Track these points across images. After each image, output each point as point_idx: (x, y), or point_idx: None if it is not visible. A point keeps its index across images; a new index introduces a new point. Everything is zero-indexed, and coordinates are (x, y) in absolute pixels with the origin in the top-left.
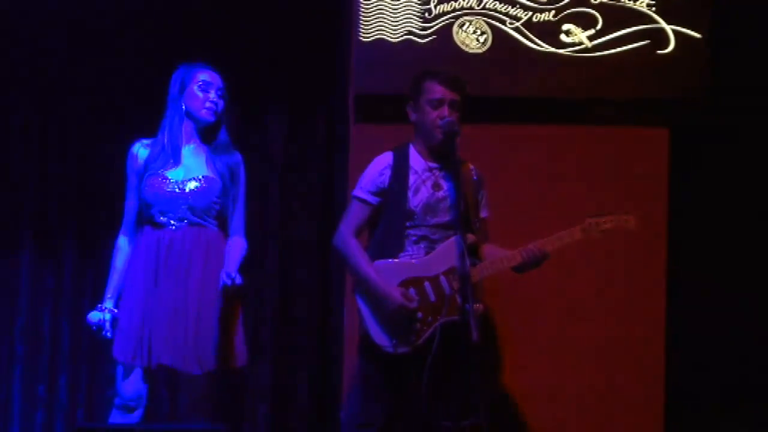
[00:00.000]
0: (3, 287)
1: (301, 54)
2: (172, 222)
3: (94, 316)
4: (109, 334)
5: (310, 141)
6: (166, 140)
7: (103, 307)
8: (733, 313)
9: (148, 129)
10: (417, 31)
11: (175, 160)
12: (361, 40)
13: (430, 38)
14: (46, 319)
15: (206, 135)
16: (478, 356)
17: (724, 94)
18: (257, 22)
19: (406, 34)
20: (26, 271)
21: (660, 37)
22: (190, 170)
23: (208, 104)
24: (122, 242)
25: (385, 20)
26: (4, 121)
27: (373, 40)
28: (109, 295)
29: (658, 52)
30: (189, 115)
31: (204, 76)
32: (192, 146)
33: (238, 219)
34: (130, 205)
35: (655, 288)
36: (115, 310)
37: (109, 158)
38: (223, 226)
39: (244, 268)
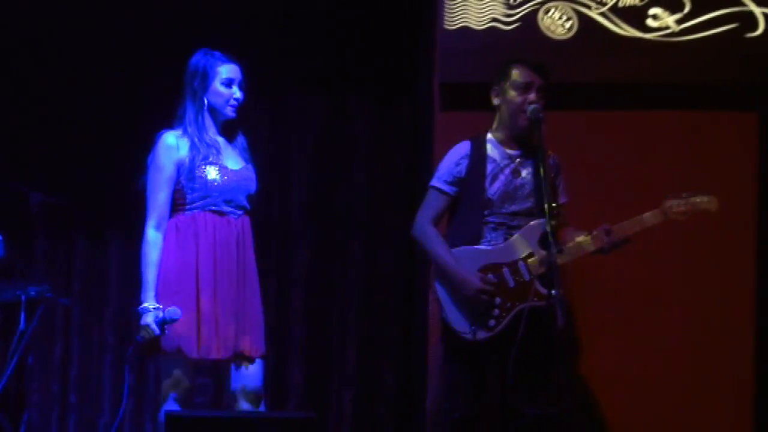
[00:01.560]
0: (94, 277)
1: (386, 42)
2: (235, 210)
3: (175, 313)
4: (157, 331)
5: (396, 129)
6: (198, 132)
7: (149, 307)
8: None
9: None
10: (502, 18)
11: (218, 150)
12: (445, 27)
13: (515, 25)
14: (134, 308)
15: (226, 127)
16: (562, 342)
17: None
18: (344, 10)
19: (490, 22)
20: (116, 262)
21: (749, 20)
22: (238, 160)
23: (232, 102)
24: (156, 236)
25: (469, 8)
26: (92, 112)
27: (458, 27)
28: (152, 293)
29: (747, 35)
30: (212, 110)
31: (227, 71)
32: (219, 138)
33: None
34: (164, 195)
35: (744, 276)
36: (160, 306)
37: None
38: None
39: None
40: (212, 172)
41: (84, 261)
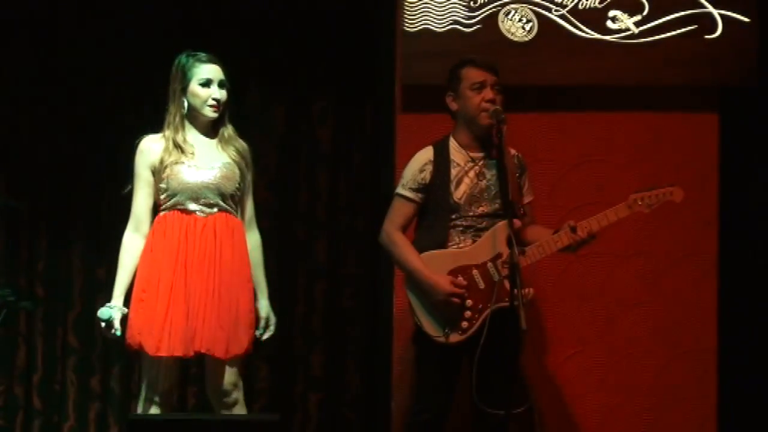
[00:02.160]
0: (56, 280)
1: (347, 44)
2: (203, 208)
3: (104, 313)
4: (118, 332)
5: (357, 131)
6: (175, 134)
7: (114, 306)
8: None
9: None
10: (462, 21)
11: (190, 150)
12: (406, 30)
13: (476, 27)
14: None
15: (211, 126)
16: (526, 343)
17: None
18: (304, 11)
19: (451, 24)
20: (79, 265)
21: (708, 22)
22: (210, 158)
23: (210, 102)
24: (130, 239)
25: (430, 10)
26: (54, 114)
27: (419, 29)
28: (118, 293)
29: (706, 36)
30: (193, 111)
31: (204, 71)
32: (201, 137)
33: (250, 209)
34: (141, 200)
35: (707, 275)
36: (125, 309)
37: None
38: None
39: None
40: (180, 172)
41: (46, 264)
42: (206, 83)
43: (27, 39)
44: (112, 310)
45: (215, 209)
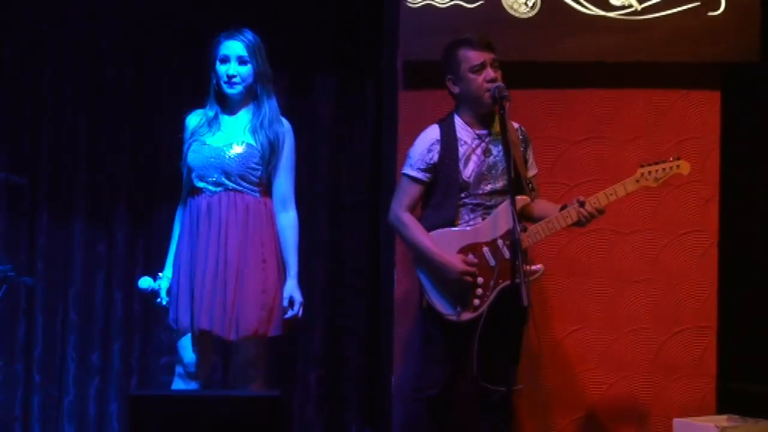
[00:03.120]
0: (57, 256)
1: (350, 20)
2: (209, 187)
3: (143, 282)
4: (163, 301)
5: (360, 107)
6: (205, 110)
7: (158, 275)
8: None
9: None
10: None
11: (216, 127)
12: (409, 5)
13: (479, 3)
14: (99, 287)
15: (245, 104)
16: (529, 320)
17: None
18: None
19: (454, 0)
20: (79, 241)
21: None
22: (230, 137)
23: (226, 78)
24: (178, 212)
25: None
26: (58, 92)
27: (421, 5)
28: (170, 263)
29: (709, 13)
30: (218, 87)
31: (223, 48)
32: (235, 115)
33: (284, 189)
34: (185, 174)
35: (707, 253)
36: (170, 278)
37: (158, 128)
38: (268, 194)
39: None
40: (194, 149)
41: (47, 239)
42: (224, 59)
43: (30, 15)
44: (153, 280)
45: (220, 188)
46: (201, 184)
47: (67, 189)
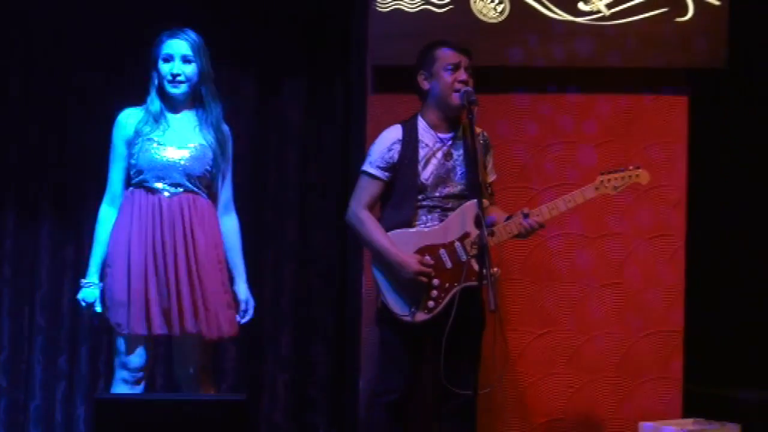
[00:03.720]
0: (24, 259)
1: (318, 24)
2: (168, 188)
3: (88, 294)
4: (99, 309)
5: (328, 111)
6: (152, 109)
7: (90, 282)
8: (755, 282)
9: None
10: (434, 1)
11: (163, 127)
12: (378, 9)
13: (448, 8)
14: (66, 291)
15: (189, 105)
16: (494, 323)
17: (743, 60)
18: None
19: (423, 4)
20: (46, 243)
21: (679, 5)
22: (183, 138)
23: (170, 77)
24: (107, 213)
25: None
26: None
27: (391, 9)
28: (95, 269)
29: (677, 19)
30: (162, 86)
31: (166, 47)
32: (179, 115)
33: (228, 193)
34: (117, 174)
35: (675, 256)
36: (100, 283)
37: None
38: (212, 198)
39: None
40: (149, 149)
41: (13, 242)
42: (168, 58)
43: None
44: (92, 289)
45: (181, 189)
46: (158, 185)
47: (34, 192)
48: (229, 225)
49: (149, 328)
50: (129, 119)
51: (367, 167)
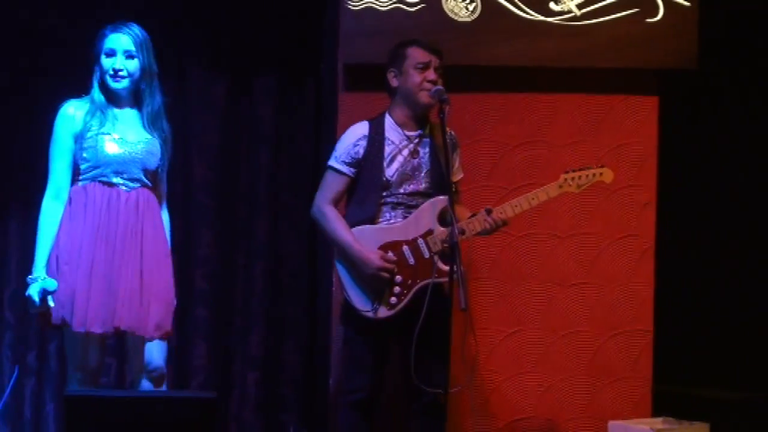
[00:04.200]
0: None
1: (290, 22)
2: (126, 182)
3: (38, 288)
4: (52, 303)
5: (299, 109)
6: (93, 103)
7: (37, 277)
8: (723, 282)
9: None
10: None
11: (113, 121)
12: (349, 7)
13: (420, 6)
14: None
15: (133, 100)
16: (464, 322)
17: (713, 61)
18: None
19: (395, 3)
20: (14, 240)
21: (649, 5)
22: (135, 133)
23: (112, 71)
24: (51, 207)
25: None
26: None
27: (362, 7)
28: (42, 264)
29: (648, 20)
30: (104, 81)
31: (109, 41)
32: (122, 110)
33: (165, 188)
34: (62, 167)
35: (644, 256)
36: (44, 277)
37: None
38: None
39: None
40: (103, 143)
41: None
42: (110, 53)
43: None
44: (38, 283)
45: (138, 184)
46: (116, 180)
47: (1, 188)
48: (165, 221)
49: (104, 325)
50: (75, 111)
51: (332, 162)
